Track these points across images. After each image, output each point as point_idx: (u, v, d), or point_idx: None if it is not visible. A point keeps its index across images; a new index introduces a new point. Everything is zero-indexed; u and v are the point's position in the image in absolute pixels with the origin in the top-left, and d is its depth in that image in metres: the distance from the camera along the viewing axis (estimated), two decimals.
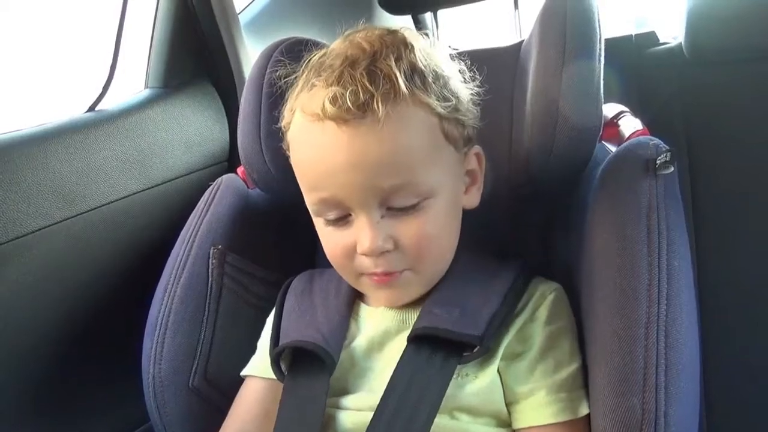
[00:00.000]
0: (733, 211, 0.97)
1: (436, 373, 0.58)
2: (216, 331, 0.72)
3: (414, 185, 0.58)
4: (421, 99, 0.57)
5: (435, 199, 0.60)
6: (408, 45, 0.59)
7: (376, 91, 0.55)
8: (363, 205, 0.58)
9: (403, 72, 0.56)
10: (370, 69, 0.56)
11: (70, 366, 0.87)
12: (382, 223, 0.59)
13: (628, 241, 0.57)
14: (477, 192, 0.66)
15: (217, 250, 0.75)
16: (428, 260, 0.62)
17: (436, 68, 0.60)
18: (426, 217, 0.59)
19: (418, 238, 0.59)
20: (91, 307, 0.89)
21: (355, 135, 0.55)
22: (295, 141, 0.62)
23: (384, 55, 0.57)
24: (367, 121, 0.55)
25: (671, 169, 0.60)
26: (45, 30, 1.09)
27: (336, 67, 0.57)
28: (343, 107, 0.55)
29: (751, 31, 0.96)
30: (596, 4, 0.67)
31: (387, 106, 0.55)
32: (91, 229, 0.86)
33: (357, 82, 0.55)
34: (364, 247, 0.59)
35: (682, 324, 0.53)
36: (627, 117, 0.75)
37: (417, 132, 0.58)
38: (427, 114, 0.58)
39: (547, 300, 0.63)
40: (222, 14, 1.05)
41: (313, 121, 0.58)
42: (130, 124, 0.94)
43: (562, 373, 0.59)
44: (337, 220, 0.61)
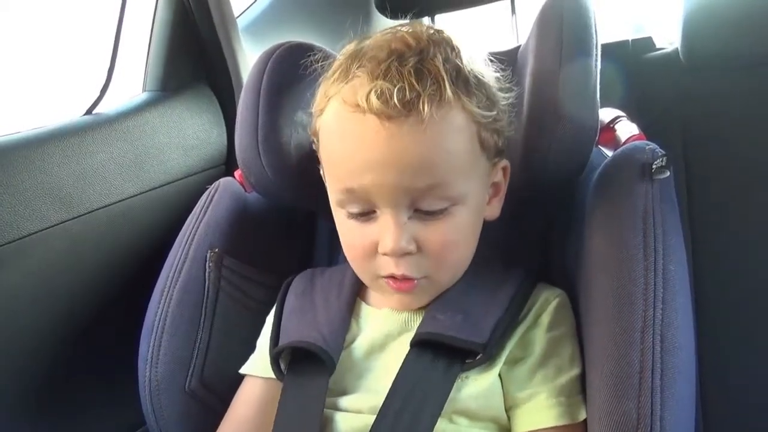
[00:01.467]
0: (729, 216, 0.98)
1: (439, 379, 0.58)
2: (213, 335, 0.72)
3: (446, 189, 0.57)
4: (464, 105, 0.57)
5: (462, 207, 0.59)
6: (454, 47, 0.59)
7: (423, 91, 0.54)
8: (392, 204, 0.57)
9: (449, 75, 0.56)
10: (417, 67, 0.55)
11: (67, 369, 0.87)
12: (408, 224, 0.58)
13: (624, 245, 0.58)
14: (498, 204, 0.66)
15: (214, 254, 0.75)
16: (447, 267, 0.62)
17: (479, 75, 0.60)
18: (452, 224, 0.59)
19: (442, 243, 0.59)
20: (89, 310, 0.88)
21: (396, 133, 0.55)
22: (328, 129, 0.60)
23: (432, 55, 0.57)
24: (410, 120, 0.54)
25: (667, 173, 0.60)
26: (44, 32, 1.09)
27: (382, 59, 0.56)
28: (390, 103, 0.54)
29: (748, 37, 0.96)
30: (593, 9, 0.67)
31: (432, 108, 0.54)
32: (88, 232, 0.86)
33: (404, 79, 0.54)
34: (387, 246, 0.58)
35: (678, 328, 0.53)
36: (623, 122, 0.76)
37: (457, 137, 0.57)
38: (468, 120, 0.58)
39: (550, 306, 0.63)
40: (220, 18, 1.05)
41: (353, 112, 0.56)
42: (127, 127, 0.94)
43: (563, 378, 0.59)
44: (360, 215, 0.60)
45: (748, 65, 0.97)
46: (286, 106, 0.73)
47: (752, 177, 0.97)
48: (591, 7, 0.67)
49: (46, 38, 1.10)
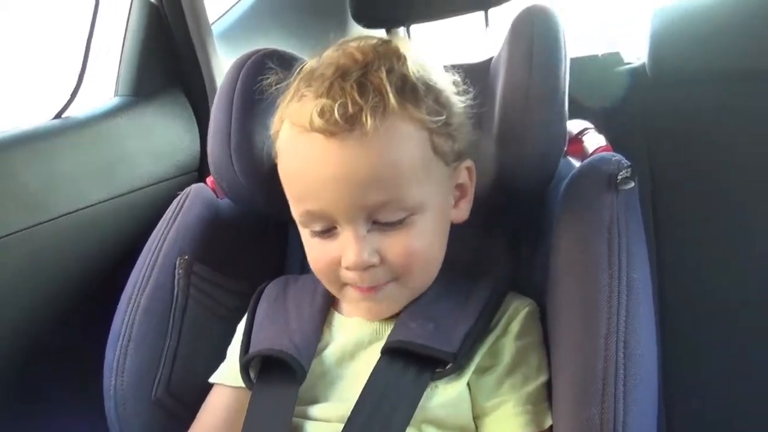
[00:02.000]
0: (692, 226, 1.00)
1: (409, 387, 0.58)
2: (181, 343, 0.71)
3: (401, 200, 0.57)
4: (411, 113, 0.57)
5: (422, 215, 0.59)
6: (401, 56, 0.59)
7: (365, 104, 0.54)
8: (349, 219, 0.58)
9: (393, 85, 0.56)
10: (360, 81, 0.56)
11: (29, 378, 0.85)
12: (369, 237, 0.58)
13: (589, 253, 0.59)
14: (466, 206, 0.66)
15: (184, 260, 0.74)
16: (414, 275, 0.62)
17: (429, 81, 0.60)
18: (413, 232, 0.59)
19: (404, 253, 0.59)
20: (53, 317, 0.87)
21: (342, 148, 0.55)
22: (282, 151, 0.61)
23: (376, 67, 0.57)
24: (354, 134, 0.55)
25: (632, 184, 0.62)
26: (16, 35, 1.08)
27: (327, 77, 0.57)
28: (331, 120, 0.54)
29: (711, 54, 1.00)
30: (562, 23, 0.69)
31: (376, 120, 0.54)
32: (54, 238, 0.85)
33: (347, 94, 0.55)
34: (349, 261, 0.58)
35: (641, 335, 0.54)
36: (591, 133, 0.77)
37: (406, 146, 0.57)
38: (417, 128, 0.58)
39: (519, 315, 0.63)
40: (195, 24, 1.05)
41: (300, 132, 0.57)
42: (97, 132, 0.93)
43: (530, 387, 0.59)
44: (323, 232, 0.60)
45: (711, 80, 1.00)
46: (259, 113, 0.73)
47: (715, 188, 1.00)
48: (560, 21, 0.69)
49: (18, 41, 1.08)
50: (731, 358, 0.99)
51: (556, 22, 0.68)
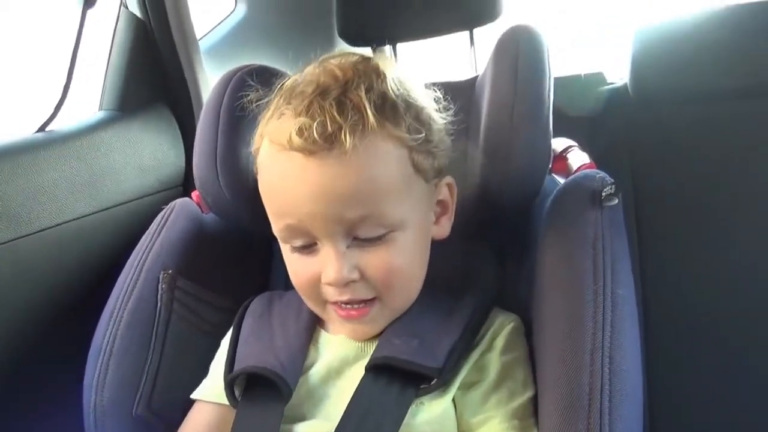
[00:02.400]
0: (675, 240, 1.02)
1: (393, 404, 0.58)
2: (163, 358, 0.70)
3: (380, 217, 0.57)
4: (390, 131, 0.57)
5: (403, 231, 0.59)
6: (380, 74, 0.59)
7: (344, 122, 0.54)
8: (328, 235, 0.58)
9: (373, 103, 0.56)
10: (340, 99, 0.56)
11: (7, 394, 0.83)
12: (348, 253, 0.58)
13: (574, 269, 0.59)
14: (447, 222, 0.66)
15: (167, 275, 0.73)
16: (395, 291, 0.61)
17: (408, 98, 0.60)
18: (393, 249, 0.59)
19: (384, 269, 0.59)
20: (34, 332, 0.85)
21: (321, 166, 0.55)
22: (262, 168, 0.61)
23: (355, 85, 0.57)
24: (334, 152, 0.54)
25: (616, 200, 0.62)
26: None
27: (307, 95, 0.57)
28: (310, 139, 0.54)
29: (692, 74, 1.02)
30: (547, 43, 0.70)
31: (355, 138, 0.54)
32: (36, 251, 0.83)
33: (326, 112, 0.55)
34: (329, 277, 0.58)
35: (626, 351, 0.55)
36: (575, 151, 0.78)
37: (385, 164, 0.57)
38: (396, 146, 0.58)
39: (504, 330, 0.63)
40: (182, 39, 1.05)
41: (279, 151, 0.57)
42: (81, 145, 0.92)
43: (516, 402, 0.59)
44: (303, 248, 0.60)
45: (691, 100, 1.03)
46: (245, 128, 0.73)
47: (696, 203, 1.03)
48: (545, 40, 0.70)
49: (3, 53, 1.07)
50: (715, 372, 1.00)
51: (540, 40, 0.69)
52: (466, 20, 1.05)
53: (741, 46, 0.99)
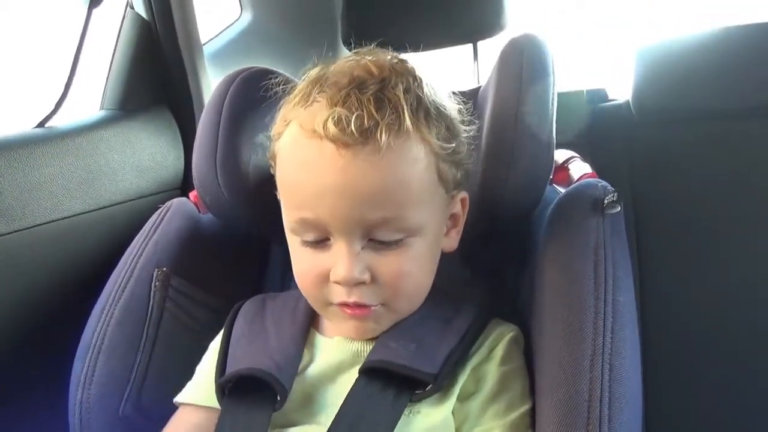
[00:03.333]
0: (674, 256, 1.03)
1: (387, 408, 0.56)
2: (153, 357, 0.69)
3: (401, 220, 0.56)
4: (423, 135, 0.56)
5: (418, 238, 0.58)
6: (417, 77, 0.59)
7: (381, 119, 0.53)
8: (346, 233, 0.56)
9: (410, 105, 0.55)
10: (378, 95, 0.55)
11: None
12: (362, 254, 0.57)
13: (575, 276, 0.58)
14: (456, 236, 0.66)
15: (161, 273, 0.72)
16: (402, 298, 0.60)
17: (441, 106, 0.59)
18: (407, 255, 0.58)
19: (396, 274, 0.58)
20: (23, 327, 0.84)
21: (352, 161, 0.54)
22: (285, 154, 0.59)
23: (393, 84, 0.56)
24: (367, 149, 0.53)
25: (618, 208, 0.62)
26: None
27: (343, 85, 0.56)
28: (347, 131, 0.53)
29: (694, 93, 1.04)
30: (551, 53, 0.70)
31: (390, 137, 0.53)
32: (29, 246, 0.83)
33: (364, 106, 0.54)
34: (339, 275, 0.57)
35: (626, 358, 0.54)
36: (577, 162, 0.78)
37: (414, 168, 0.56)
38: (427, 152, 0.57)
39: (504, 340, 0.62)
40: (186, 42, 1.05)
41: (310, 138, 0.55)
42: (80, 143, 0.91)
43: (513, 414, 0.58)
44: (314, 243, 0.59)
45: (692, 119, 1.05)
46: (246, 129, 0.73)
47: (694, 220, 1.03)
48: (550, 50, 0.70)
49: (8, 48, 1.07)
50: (712, 381, 1.01)
51: (545, 49, 0.69)
52: (470, 33, 1.05)
53: (742, 66, 1.00)
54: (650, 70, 1.06)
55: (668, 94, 1.04)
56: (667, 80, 1.04)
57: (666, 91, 1.04)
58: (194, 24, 1.07)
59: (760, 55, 1.00)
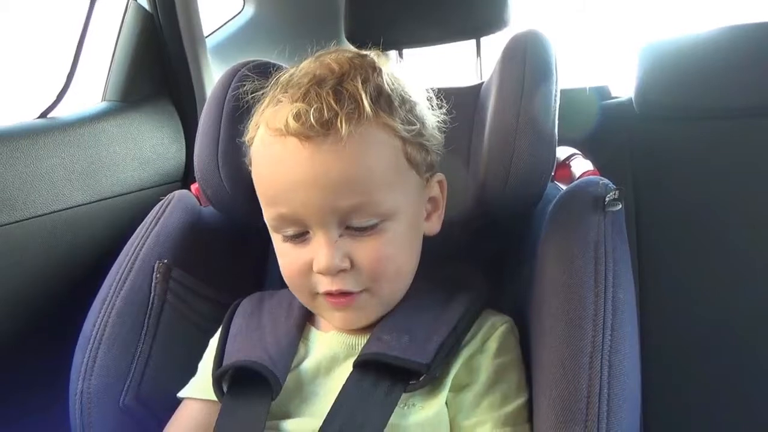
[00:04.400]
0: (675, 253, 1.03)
1: (381, 401, 0.57)
2: (153, 349, 0.69)
3: (373, 205, 0.57)
4: (385, 121, 0.58)
5: (394, 222, 0.59)
6: (376, 68, 0.60)
7: (340, 110, 0.55)
8: (321, 223, 0.57)
9: (369, 93, 0.57)
10: (336, 88, 0.56)
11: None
12: (340, 242, 0.58)
13: (575, 272, 0.58)
14: (438, 219, 0.67)
15: (163, 264, 0.72)
16: (385, 282, 0.61)
17: (403, 93, 0.61)
18: (384, 239, 0.59)
19: (375, 258, 0.59)
20: (24, 317, 0.84)
21: (316, 152, 0.55)
22: (257, 155, 0.61)
23: (351, 77, 0.58)
24: (329, 139, 0.55)
25: (619, 206, 0.62)
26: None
27: (303, 84, 0.57)
28: (306, 124, 0.54)
29: (697, 91, 1.04)
30: (554, 49, 0.70)
31: (351, 126, 0.55)
32: (30, 237, 0.83)
33: (322, 99, 0.55)
34: (320, 265, 0.58)
35: (625, 354, 0.54)
36: (578, 159, 0.78)
37: (379, 153, 0.58)
38: (391, 136, 0.58)
39: (497, 332, 0.62)
40: (189, 35, 1.05)
41: (275, 136, 0.57)
42: (82, 134, 0.91)
43: (509, 407, 0.58)
44: (294, 237, 0.60)
45: (695, 117, 1.05)
46: (248, 122, 0.73)
47: (695, 214, 1.03)
48: (553, 46, 0.70)
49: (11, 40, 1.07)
50: (711, 378, 1.01)
51: (548, 45, 0.69)
52: (474, 29, 1.05)
53: (745, 64, 1.00)
54: (653, 67, 1.06)
55: (671, 91, 1.04)
56: (670, 78, 1.04)
57: (669, 88, 1.04)
58: (197, 16, 1.07)
59: (764, 54, 1.00)
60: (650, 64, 1.06)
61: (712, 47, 1.04)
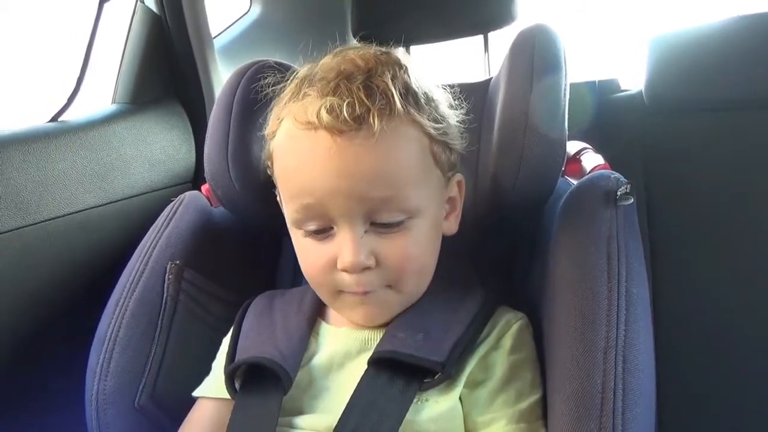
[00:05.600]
0: (687, 247, 1.02)
1: (396, 398, 0.57)
2: (167, 349, 0.70)
3: (401, 201, 0.58)
4: (414, 118, 0.58)
5: (419, 219, 0.60)
6: (402, 65, 0.60)
7: (372, 105, 0.55)
8: (348, 217, 0.57)
9: (398, 90, 0.57)
10: (366, 84, 0.56)
11: (10, 380, 0.82)
12: (366, 238, 0.58)
13: (588, 267, 0.58)
14: (455, 220, 0.67)
15: (175, 266, 0.73)
16: (409, 279, 0.61)
17: (427, 91, 0.61)
18: (409, 236, 0.59)
19: (401, 256, 0.59)
20: (39, 319, 0.85)
21: (347, 146, 0.55)
22: (281, 149, 0.61)
23: (380, 72, 0.58)
24: (361, 134, 0.55)
25: (631, 200, 0.62)
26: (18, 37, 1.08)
27: (331, 79, 0.57)
28: (340, 118, 0.54)
29: (705, 84, 1.03)
30: (563, 43, 0.70)
31: (382, 121, 0.55)
32: (43, 239, 0.83)
33: (354, 94, 0.55)
34: (345, 262, 0.58)
35: (640, 350, 0.54)
36: (589, 153, 0.78)
37: (409, 149, 0.58)
38: (419, 133, 0.59)
39: (512, 329, 0.62)
40: (196, 36, 1.06)
41: (304, 129, 0.57)
42: (93, 137, 0.92)
43: (523, 404, 0.58)
44: (317, 232, 0.60)
45: (705, 109, 1.04)
46: (257, 122, 0.73)
47: (706, 208, 1.02)
48: (562, 40, 0.69)
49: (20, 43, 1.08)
50: (725, 372, 1.00)
51: (557, 39, 0.68)
52: (481, 24, 1.05)
53: (758, 55, 0.99)
54: (663, 59, 1.05)
55: (681, 83, 1.03)
56: (680, 70, 1.03)
57: (679, 80, 1.03)
58: (204, 18, 1.07)
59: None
60: (660, 56, 1.05)
61: (723, 38, 1.02)
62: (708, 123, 1.03)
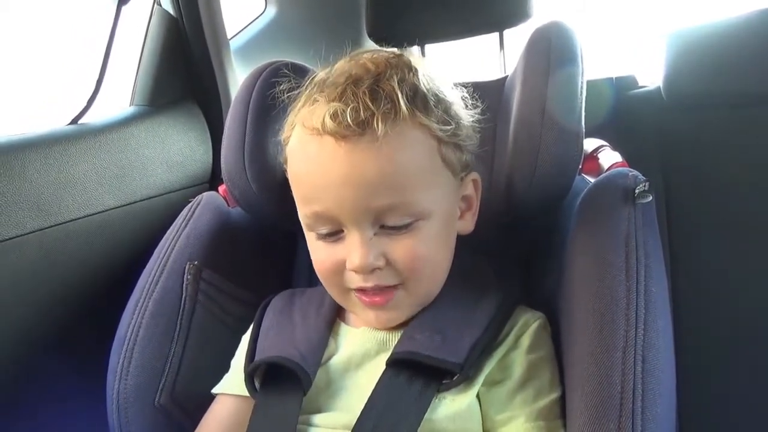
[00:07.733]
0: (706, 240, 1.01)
1: (415, 399, 0.57)
2: (186, 349, 0.70)
3: (408, 205, 0.58)
4: (421, 121, 0.58)
5: (428, 221, 0.59)
6: (412, 68, 0.60)
7: (376, 109, 0.55)
8: (356, 222, 0.58)
9: (405, 93, 0.57)
10: (372, 88, 0.57)
11: (33, 380, 0.84)
12: (375, 240, 0.59)
13: (606, 266, 0.58)
14: (472, 218, 0.67)
15: (193, 266, 0.73)
16: (420, 279, 0.61)
17: (438, 93, 0.61)
18: (419, 237, 0.59)
19: (410, 257, 0.59)
20: (60, 319, 0.86)
21: (352, 151, 0.56)
22: (292, 154, 0.62)
23: (388, 76, 0.58)
24: (365, 138, 0.55)
25: (649, 198, 0.61)
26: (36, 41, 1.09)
27: (340, 84, 0.58)
28: (343, 123, 0.55)
29: (723, 80, 1.01)
30: (580, 40, 0.69)
31: (387, 125, 0.55)
32: (64, 241, 0.84)
33: (359, 99, 0.56)
34: (354, 263, 0.58)
35: (659, 349, 0.53)
36: (606, 150, 0.77)
37: (414, 153, 0.58)
38: (426, 136, 0.59)
39: (530, 328, 0.62)
40: (213, 38, 1.06)
41: (312, 135, 0.58)
42: (112, 139, 0.93)
43: (541, 402, 0.58)
44: (328, 235, 0.61)
45: (723, 104, 1.02)
46: (274, 122, 0.74)
47: (726, 204, 1.01)
48: (578, 37, 0.69)
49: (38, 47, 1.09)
50: (745, 372, 0.99)
51: (573, 36, 0.68)
52: (496, 22, 1.04)
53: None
54: (682, 55, 1.04)
55: (700, 79, 1.01)
56: (698, 65, 1.02)
57: (698, 76, 1.02)
58: (221, 19, 1.08)
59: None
60: (678, 52, 1.03)
61: (741, 33, 1.01)
62: (727, 118, 1.02)
